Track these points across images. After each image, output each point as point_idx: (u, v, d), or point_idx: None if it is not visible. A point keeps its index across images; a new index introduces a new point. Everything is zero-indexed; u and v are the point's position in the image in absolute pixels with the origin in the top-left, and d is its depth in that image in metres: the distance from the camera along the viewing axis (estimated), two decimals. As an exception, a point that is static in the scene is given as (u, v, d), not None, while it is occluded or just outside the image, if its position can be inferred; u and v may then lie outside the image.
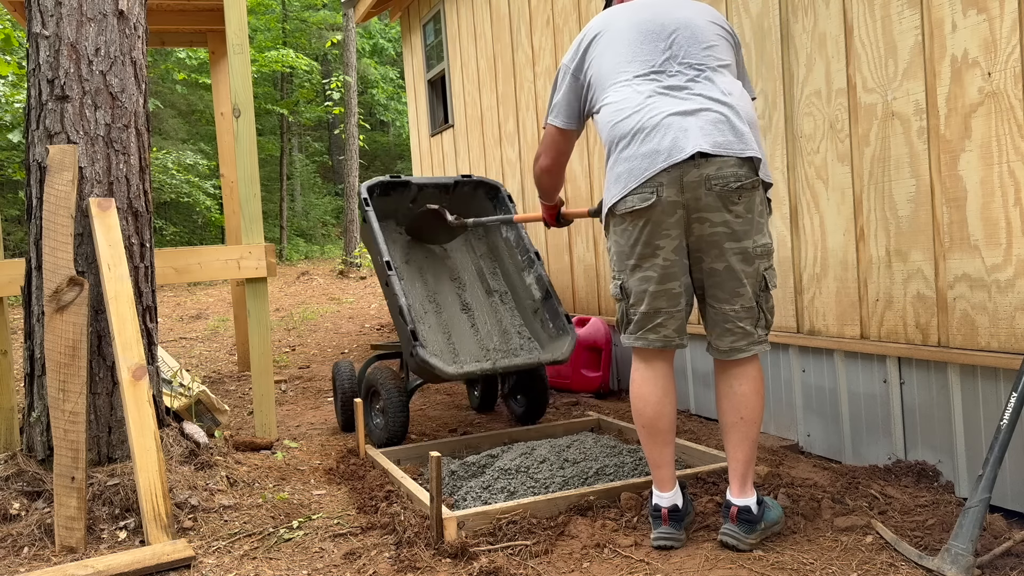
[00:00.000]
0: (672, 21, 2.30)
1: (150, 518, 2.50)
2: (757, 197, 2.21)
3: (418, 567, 2.22)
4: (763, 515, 2.25)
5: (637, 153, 2.19)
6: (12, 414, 3.52)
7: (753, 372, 2.29)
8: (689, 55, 2.25)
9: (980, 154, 2.41)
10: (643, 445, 2.37)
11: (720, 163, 2.14)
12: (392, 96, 24.92)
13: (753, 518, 2.22)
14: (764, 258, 2.24)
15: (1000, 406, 2.41)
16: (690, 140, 2.13)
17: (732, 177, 2.15)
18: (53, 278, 2.76)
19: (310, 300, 11.71)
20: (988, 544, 2.11)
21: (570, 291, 5.12)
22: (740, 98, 2.24)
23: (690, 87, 2.22)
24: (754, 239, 2.21)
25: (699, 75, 2.23)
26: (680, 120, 2.16)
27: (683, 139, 2.14)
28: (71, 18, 2.96)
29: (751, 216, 2.20)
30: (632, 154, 2.20)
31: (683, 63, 2.24)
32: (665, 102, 2.20)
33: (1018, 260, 2.33)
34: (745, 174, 2.16)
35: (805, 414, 3.23)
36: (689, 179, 2.15)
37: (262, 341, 3.75)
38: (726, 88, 2.22)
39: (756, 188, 2.19)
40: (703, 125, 2.15)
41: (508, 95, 5.85)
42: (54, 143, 2.94)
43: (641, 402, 2.33)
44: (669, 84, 2.22)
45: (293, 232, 22.33)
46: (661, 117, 2.18)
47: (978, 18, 2.38)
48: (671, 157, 2.14)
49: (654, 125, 2.17)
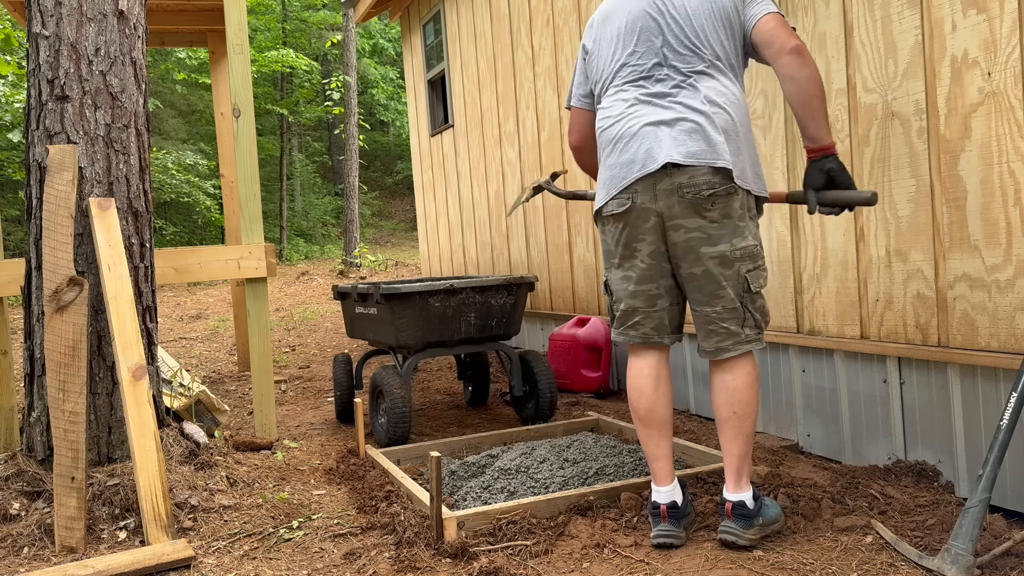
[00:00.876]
0: (665, 8, 2.32)
1: (150, 518, 2.50)
2: (736, 202, 2.24)
3: (418, 567, 2.22)
4: (760, 511, 2.26)
5: (617, 162, 2.32)
6: (12, 414, 3.52)
7: (745, 368, 2.31)
8: (678, 57, 2.29)
9: (980, 154, 2.41)
10: (640, 438, 2.42)
11: (692, 172, 2.22)
12: (392, 96, 24.93)
13: (749, 512, 2.23)
14: (745, 260, 2.27)
15: (1000, 406, 2.41)
16: (663, 150, 2.23)
17: (704, 185, 2.21)
18: (53, 278, 2.76)
19: (310, 300, 11.71)
20: (988, 544, 2.11)
21: (570, 291, 5.13)
22: (723, 104, 2.26)
23: (673, 94, 2.28)
24: (732, 242, 2.25)
25: (685, 80, 2.28)
26: (655, 130, 2.26)
27: (656, 149, 2.24)
28: (71, 18, 2.96)
29: (729, 220, 2.25)
30: (613, 162, 2.34)
31: (672, 66, 2.30)
32: (645, 111, 2.30)
33: (1018, 260, 2.33)
34: (719, 182, 2.21)
35: (805, 414, 3.23)
36: (662, 187, 2.25)
37: (262, 341, 3.75)
38: (709, 95, 2.26)
39: (733, 194, 2.23)
40: (677, 135, 2.24)
41: (508, 95, 5.85)
42: (54, 143, 2.94)
43: (636, 393, 2.40)
44: (654, 92, 2.31)
45: (293, 232, 22.33)
46: (639, 127, 2.29)
47: (978, 18, 2.38)
48: (644, 167, 2.25)
49: (632, 134, 2.29)
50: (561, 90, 5.01)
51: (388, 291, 3.53)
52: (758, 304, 2.32)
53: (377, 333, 3.85)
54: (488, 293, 3.70)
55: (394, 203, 27.03)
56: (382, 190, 27.25)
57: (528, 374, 3.90)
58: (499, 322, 3.78)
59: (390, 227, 25.27)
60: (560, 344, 4.66)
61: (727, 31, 2.30)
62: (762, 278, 2.32)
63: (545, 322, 5.62)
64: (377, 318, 3.75)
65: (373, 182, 26.94)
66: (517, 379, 3.89)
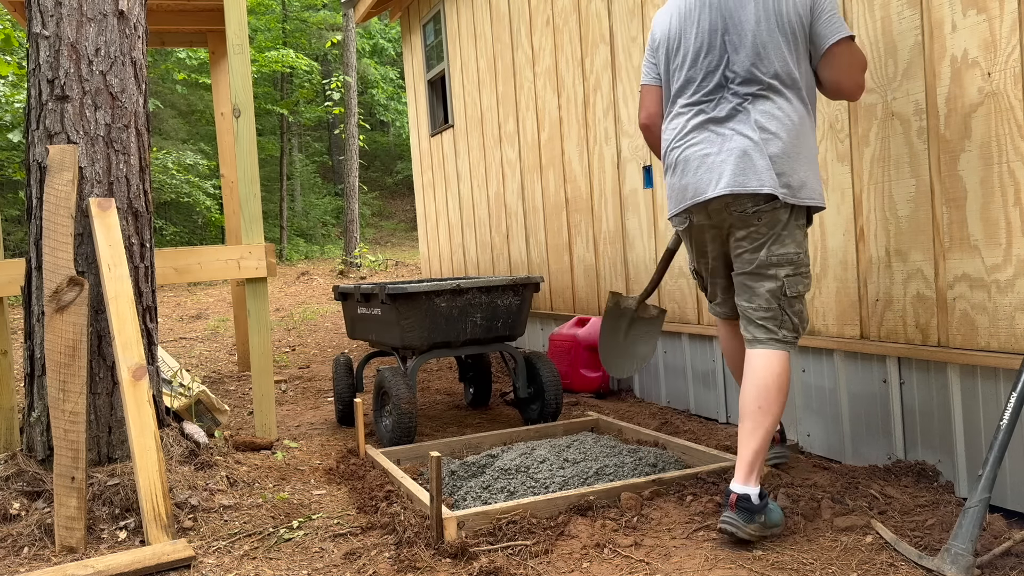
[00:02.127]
0: (730, 23, 2.41)
1: (150, 518, 2.50)
2: (782, 215, 2.38)
3: (418, 567, 2.22)
4: (764, 509, 2.27)
5: (675, 184, 2.55)
6: (12, 414, 3.53)
7: (777, 367, 2.38)
8: (738, 79, 2.40)
9: (980, 154, 2.41)
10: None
11: (738, 197, 2.38)
12: (392, 96, 24.93)
13: (753, 507, 2.24)
14: (783, 266, 2.41)
15: (1000, 406, 2.41)
16: (711, 184, 2.41)
17: (750, 205, 2.38)
18: (53, 278, 2.77)
19: (310, 300, 11.72)
20: (988, 544, 2.11)
21: (570, 291, 5.13)
22: (775, 130, 2.35)
23: (729, 119, 2.41)
24: (770, 248, 2.40)
25: (741, 103, 2.40)
26: (708, 161, 2.43)
27: (706, 181, 2.42)
28: (71, 18, 2.96)
29: (773, 231, 2.40)
30: (673, 183, 2.57)
31: (731, 89, 2.42)
32: (701, 139, 2.46)
33: (1018, 260, 2.33)
34: (763, 201, 2.37)
35: (805, 414, 3.23)
36: (713, 207, 2.45)
37: (262, 341, 3.75)
38: (761, 120, 2.37)
39: (780, 208, 2.37)
40: (726, 164, 2.39)
41: (508, 95, 5.85)
42: (54, 143, 2.94)
43: (723, 351, 2.90)
44: (711, 116, 2.45)
45: (293, 232, 22.34)
46: (694, 156, 2.47)
47: (978, 18, 2.38)
48: (696, 197, 2.46)
49: (686, 162, 2.49)
50: (561, 90, 5.01)
51: (394, 291, 3.51)
52: (796, 308, 2.43)
53: (381, 334, 3.84)
54: (494, 293, 3.69)
55: (394, 203, 27.04)
56: (382, 190, 27.26)
57: (533, 376, 3.89)
58: (505, 323, 3.76)
59: (390, 227, 25.28)
60: (560, 344, 4.66)
61: (790, 45, 2.39)
62: (802, 284, 2.43)
63: (545, 322, 5.62)
64: (381, 319, 3.74)
65: (373, 182, 26.95)
66: (522, 381, 3.88)
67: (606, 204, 4.58)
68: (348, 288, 4.08)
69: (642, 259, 4.27)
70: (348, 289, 4.07)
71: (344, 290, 4.13)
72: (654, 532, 2.40)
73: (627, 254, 4.42)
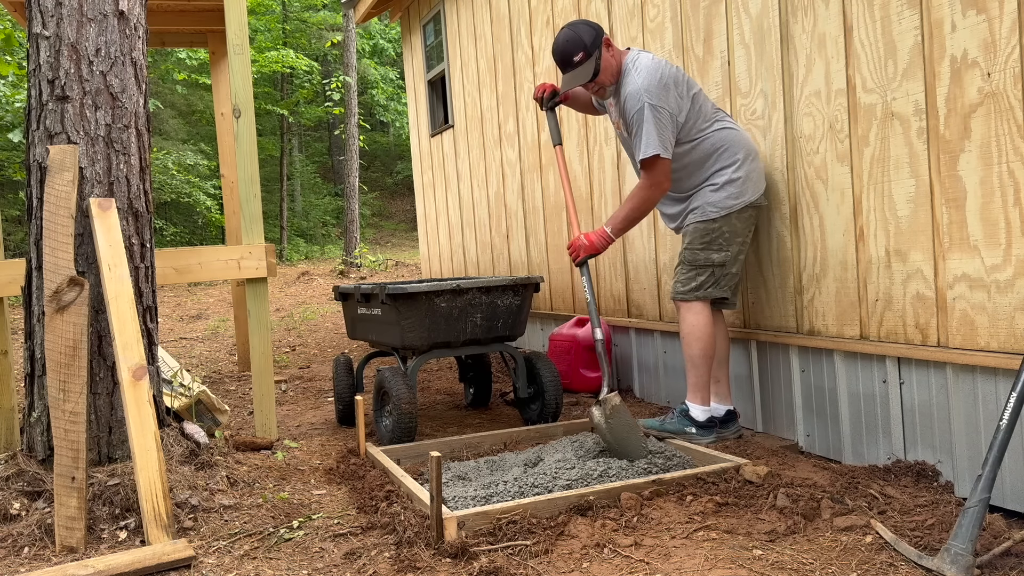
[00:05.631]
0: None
1: (150, 518, 2.50)
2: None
3: (418, 567, 2.22)
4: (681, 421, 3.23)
5: (759, 168, 3.27)
6: (12, 414, 3.53)
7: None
8: None
9: (979, 154, 2.41)
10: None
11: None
12: (392, 96, 24.92)
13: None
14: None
15: (999, 406, 2.41)
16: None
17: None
18: (53, 278, 2.77)
19: (310, 300, 11.72)
20: (988, 544, 2.11)
21: (570, 291, 5.13)
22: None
23: None
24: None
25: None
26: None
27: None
28: (71, 18, 2.96)
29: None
30: (757, 167, 3.27)
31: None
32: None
33: (1017, 260, 2.33)
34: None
35: (804, 414, 3.23)
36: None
37: (262, 341, 3.75)
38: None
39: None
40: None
41: (508, 95, 5.85)
42: (54, 143, 2.94)
43: (710, 341, 3.33)
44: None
45: (293, 232, 22.34)
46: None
47: (977, 18, 2.39)
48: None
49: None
50: (561, 90, 5.01)
51: (394, 291, 3.51)
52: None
53: (381, 334, 3.84)
54: (495, 294, 3.69)
55: (394, 203, 27.03)
56: (382, 190, 27.26)
57: (533, 376, 3.89)
58: (505, 323, 3.76)
59: (390, 227, 25.28)
60: (560, 344, 4.66)
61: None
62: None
63: (545, 322, 5.62)
64: (381, 319, 3.74)
65: (373, 182, 26.94)
66: (522, 381, 3.88)
67: (606, 204, 4.59)
68: (348, 288, 4.08)
69: (642, 259, 4.27)
70: (348, 289, 4.08)
71: (344, 290, 4.13)
72: (654, 532, 2.40)
73: (627, 254, 4.42)
